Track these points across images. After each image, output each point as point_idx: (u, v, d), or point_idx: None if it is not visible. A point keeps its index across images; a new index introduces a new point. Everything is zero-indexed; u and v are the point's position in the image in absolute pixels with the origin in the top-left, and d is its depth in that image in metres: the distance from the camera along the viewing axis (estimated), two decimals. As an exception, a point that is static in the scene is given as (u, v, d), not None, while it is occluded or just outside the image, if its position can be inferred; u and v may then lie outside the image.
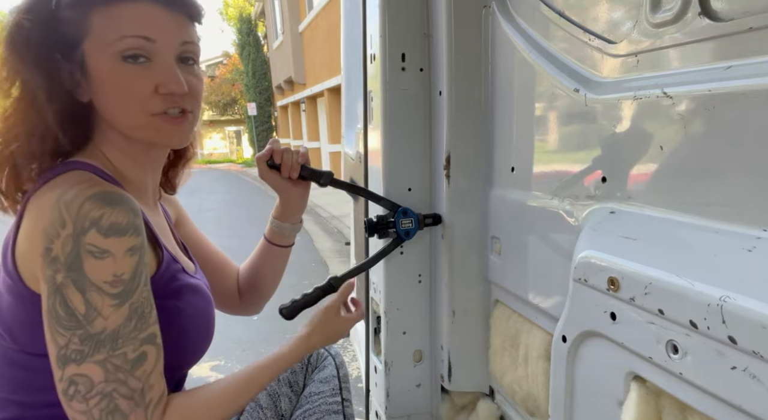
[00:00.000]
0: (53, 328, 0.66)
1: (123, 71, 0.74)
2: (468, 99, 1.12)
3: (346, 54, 1.77)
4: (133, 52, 0.73)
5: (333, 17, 9.65)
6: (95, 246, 0.65)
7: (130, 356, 0.68)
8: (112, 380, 0.67)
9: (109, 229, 0.66)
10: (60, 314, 0.65)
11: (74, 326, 0.65)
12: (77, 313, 0.65)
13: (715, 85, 0.59)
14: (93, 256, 0.65)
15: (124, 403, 0.67)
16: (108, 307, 0.66)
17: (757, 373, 0.49)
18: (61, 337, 0.65)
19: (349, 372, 2.83)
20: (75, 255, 0.65)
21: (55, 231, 0.65)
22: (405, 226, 1.17)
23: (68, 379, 0.66)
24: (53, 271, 0.65)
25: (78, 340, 0.65)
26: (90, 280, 0.65)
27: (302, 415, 1.11)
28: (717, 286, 0.54)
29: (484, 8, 1.08)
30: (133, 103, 0.75)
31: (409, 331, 1.29)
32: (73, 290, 0.65)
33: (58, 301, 0.65)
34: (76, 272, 0.65)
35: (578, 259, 0.74)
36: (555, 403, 0.83)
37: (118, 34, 0.73)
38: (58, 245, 0.65)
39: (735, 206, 0.59)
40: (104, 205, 0.67)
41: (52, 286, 0.65)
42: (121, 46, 0.73)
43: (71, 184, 0.69)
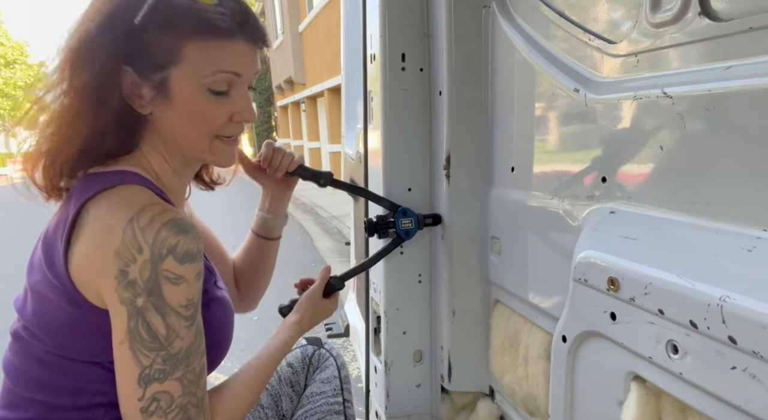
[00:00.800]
0: (136, 349, 0.69)
1: (207, 101, 0.77)
2: (468, 99, 1.12)
3: (346, 54, 1.77)
4: (222, 88, 0.77)
5: (333, 17, 9.65)
6: (172, 272, 0.69)
7: (198, 370, 0.73)
8: (187, 393, 0.71)
9: (183, 256, 0.70)
10: (143, 337, 0.69)
11: (157, 348, 0.69)
12: (159, 335, 0.69)
13: (715, 85, 0.59)
14: (170, 282, 0.69)
15: (193, 411, 0.72)
16: (183, 329, 0.71)
17: (757, 373, 0.49)
18: (145, 358, 0.69)
19: (350, 372, 2.83)
20: (154, 281, 0.68)
21: (131, 255, 0.67)
22: (405, 226, 1.17)
23: (150, 397, 0.69)
24: (132, 295, 0.68)
25: (161, 361, 0.69)
26: (169, 305, 0.69)
27: (304, 414, 1.11)
28: (717, 286, 0.54)
29: (484, 8, 1.08)
30: (207, 128, 0.78)
31: (409, 331, 1.29)
32: (154, 314, 0.68)
33: (140, 324, 0.68)
34: (156, 297, 0.68)
35: (578, 259, 0.74)
36: (555, 403, 0.83)
37: (213, 68, 0.75)
38: (135, 269, 0.67)
39: (735, 206, 0.59)
40: (179, 233, 0.70)
41: (132, 308, 0.68)
42: (213, 79, 0.75)
43: (140, 205, 0.70)
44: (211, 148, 0.81)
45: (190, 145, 0.80)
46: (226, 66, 0.76)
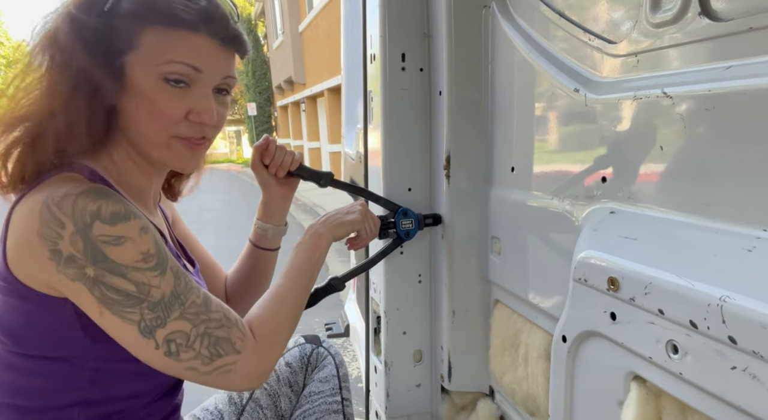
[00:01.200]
0: (117, 311, 0.68)
1: (161, 91, 0.75)
2: (468, 99, 1.12)
3: (346, 54, 1.77)
4: (177, 77, 0.75)
5: (333, 17, 9.65)
6: (107, 235, 0.68)
7: (199, 301, 0.73)
8: (199, 322, 0.72)
9: (112, 217, 0.68)
10: (116, 298, 0.68)
11: (136, 302, 0.69)
12: (130, 292, 0.68)
13: (715, 85, 0.59)
14: (110, 244, 0.68)
15: (219, 331, 0.73)
16: (153, 278, 0.70)
17: (757, 373, 0.49)
18: (131, 314, 0.69)
19: (349, 372, 2.83)
20: (92, 248, 0.67)
21: (55, 232, 0.66)
22: (405, 226, 1.17)
23: (164, 341, 0.70)
24: (79, 268, 0.67)
25: (148, 311, 0.69)
26: (123, 265, 0.68)
27: (302, 414, 1.11)
28: (717, 286, 0.54)
29: (484, 8, 1.08)
30: (162, 122, 0.76)
31: (409, 331, 1.29)
32: (112, 277, 0.68)
33: (104, 289, 0.67)
34: (104, 262, 0.67)
35: (578, 259, 0.74)
36: (555, 403, 0.83)
37: (168, 57, 0.74)
38: (65, 245, 0.66)
39: (735, 206, 0.59)
40: (97, 198, 0.68)
41: (87, 280, 0.67)
42: (167, 68, 0.74)
43: (57, 185, 0.70)
44: (169, 146, 0.78)
45: (147, 140, 0.78)
46: (182, 57, 0.74)
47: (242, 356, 0.74)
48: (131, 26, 0.73)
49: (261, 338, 0.77)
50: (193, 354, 0.72)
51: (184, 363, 0.72)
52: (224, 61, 0.79)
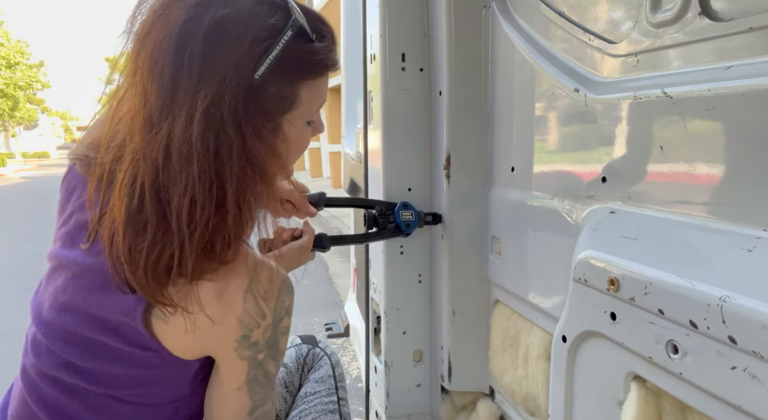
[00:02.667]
0: (252, 390, 0.75)
1: (307, 131, 0.76)
2: (468, 99, 1.12)
3: (346, 54, 1.77)
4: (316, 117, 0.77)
5: (333, 17, 9.63)
6: (286, 327, 0.75)
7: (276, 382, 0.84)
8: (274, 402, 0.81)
9: (291, 311, 0.76)
10: (261, 381, 0.75)
11: (268, 384, 0.77)
12: (272, 376, 0.77)
13: (715, 85, 0.59)
14: (284, 334, 0.76)
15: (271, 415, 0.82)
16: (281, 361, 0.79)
17: (757, 373, 0.49)
18: (257, 394, 0.76)
19: (350, 372, 2.83)
20: (274, 339, 0.74)
21: (255, 322, 0.71)
22: (405, 217, 1.17)
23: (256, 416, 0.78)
24: (254, 352, 0.72)
25: (268, 391, 0.77)
26: (280, 352, 0.76)
27: (298, 415, 1.11)
28: (717, 286, 0.54)
29: (484, 8, 1.08)
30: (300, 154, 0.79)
31: (409, 331, 1.29)
32: (270, 362, 0.75)
33: (259, 373, 0.74)
34: (274, 350, 0.75)
35: (578, 259, 0.74)
36: (555, 403, 0.83)
37: (319, 103, 0.74)
38: (258, 333, 0.71)
39: (735, 206, 0.59)
40: (291, 294, 0.75)
41: (253, 362, 0.73)
42: (316, 114, 0.76)
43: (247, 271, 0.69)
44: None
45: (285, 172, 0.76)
46: (324, 98, 0.75)
47: None
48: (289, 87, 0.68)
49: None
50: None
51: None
52: None
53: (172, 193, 0.62)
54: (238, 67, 0.62)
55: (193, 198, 0.62)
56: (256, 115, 0.65)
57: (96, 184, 0.70)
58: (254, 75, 0.63)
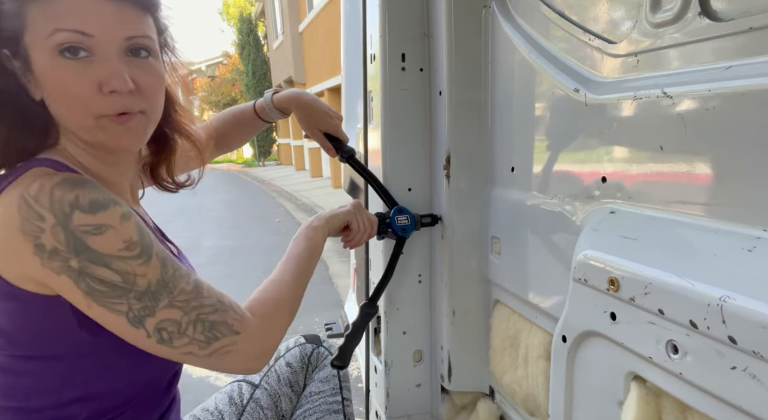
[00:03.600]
0: (104, 303, 0.67)
1: (62, 67, 0.68)
2: (468, 99, 1.12)
3: (346, 54, 1.77)
4: (69, 45, 0.68)
5: (333, 17, 9.65)
6: (87, 225, 0.66)
7: (189, 288, 0.72)
8: (190, 309, 0.71)
9: (90, 206, 0.66)
10: (101, 290, 0.67)
11: (123, 292, 0.67)
12: (116, 282, 0.67)
13: (715, 85, 0.59)
14: (92, 234, 0.66)
15: (214, 316, 0.72)
16: (138, 267, 0.68)
17: (757, 373, 0.49)
18: (118, 305, 0.67)
19: (350, 372, 2.83)
20: (74, 240, 0.65)
21: (36, 226, 0.64)
22: (401, 222, 1.17)
23: (154, 330, 0.69)
24: (63, 261, 0.65)
25: (135, 300, 0.68)
26: (105, 254, 0.66)
27: (303, 414, 1.11)
28: (717, 286, 0.54)
29: (484, 8, 1.08)
30: (77, 102, 0.70)
31: (409, 331, 1.29)
32: (96, 267, 0.66)
33: (90, 281, 0.66)
34: (86, 253, 0.65)
35: (578, 259, 0.74)
36: (555, 403, 0.83)
37: (52, 26, 0.67)
38: (47, 238, 0.64)
39: (735, 206, 0.59)
40: (74, 187, 0.66)
41: (72, 272, 0.66)
42: (55, 40, 0.67)
43: (31, 180, 0.67)
44: (100, 127, 0.72)
45: (75, 126, 0.73)
46: (66, 24, 0.67)
47: (242, 337, 0.74)
48: (16, 6, 0.67)
49: (262, 318, 0.77)
50: (186, 340, 0.71)
51: (178, 349, 0.71)
52: (118, 18, 0.71)
53: None
54: None
55: None
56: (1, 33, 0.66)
57: None
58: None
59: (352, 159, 1.18)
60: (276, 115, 1.19)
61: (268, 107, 1.18)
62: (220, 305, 0.74)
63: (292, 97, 1.16)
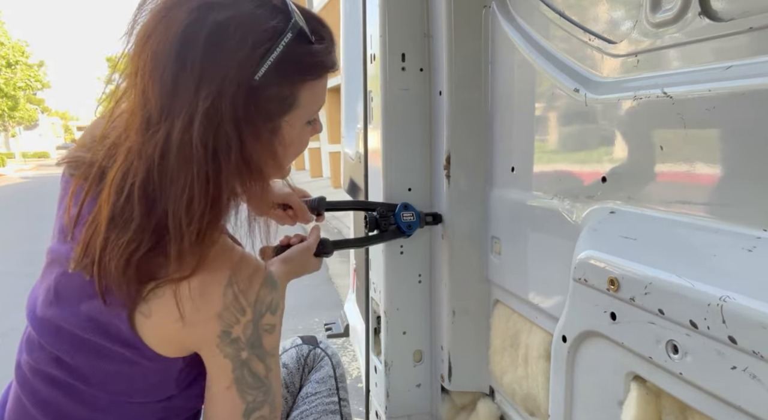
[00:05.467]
0: (242, 391, 0.74)
1: (307, 131, 0.77)
2: (468, 99, 1.12)
3: (346, 54, 1.77)
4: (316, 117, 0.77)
5: (333, 17, 9.63)
6: (269, 324, 0.74)
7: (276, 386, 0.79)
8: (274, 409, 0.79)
9: (275, 308, 0.75)
10: (249, 381, 0.74)
11: (259, 386, 0.75)
12: (261, 377, 0.75)
13: (715, 85, 0.59)
14: (267, 332, 0.75)
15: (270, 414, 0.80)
16: (274, 363, 0.77)
17: (757, 373, 0.49)
18: (249, 396, 0.75)
19: (350, 372, 2.83)
20: (256, 336, 0.73)
21: (235, 318, 0.70)
22: (407, 218, 1.17)
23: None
24: (236, 350, 0.72)
25: (262, 394, 0.76)
26: (267, 352, 0.75)
27: (299, 415, 1.11)
28: (717, 286, 0.54)
29: (484, 8, 1.08)
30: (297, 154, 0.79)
31: (409, 331, 1.29)
32: (257, 362, 0.74)
33: (245, 372, 0.74)
34: (258, 349, 0.74)
35: (578, 259, 0.74)
36: (555, 403, 0.83)
37: (318, 104, 0.75)
38: (238, 329, 0.71)
39: (735, 206, 0.59)
40: (273, 290, 0.74)
41: (237, 361, 0.72)
42: (315, 113, 0.76)
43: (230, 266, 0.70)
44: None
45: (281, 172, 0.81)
46: (324, 99, 0.76)
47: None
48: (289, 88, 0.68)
49: None
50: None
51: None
52: None
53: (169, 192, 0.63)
54: (239, 69, 0.63)
55: (191, 196, 0.63)
56: (255, 116, 0.66)
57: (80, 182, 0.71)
58: (255, 76, 0.64)
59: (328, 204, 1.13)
60: None
61: None
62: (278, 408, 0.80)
63: None
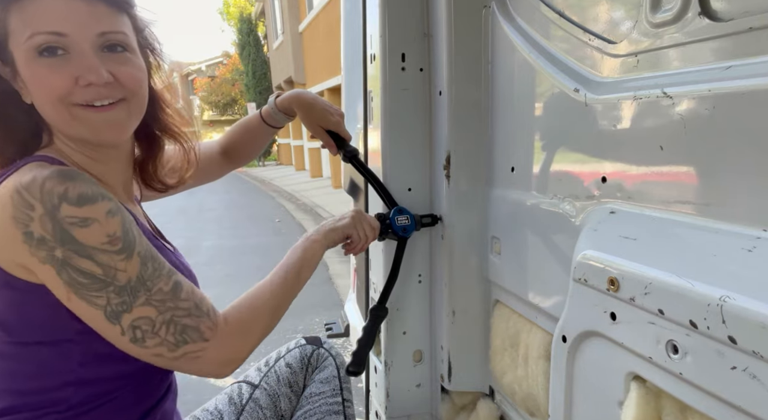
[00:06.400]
0: (84, 296, 0.70)
1: (41, 66, 0.72)
2: (468, 99, 1.12)
3: (346, 54, 1.77)
4: (47, 46, 0.71)
5: (333, 17, 9.65)
6: (74, 217, 0.68)
7: (167, 288, 0.74)
8: (165, 309, 0.73)
9: (79, 199, 0.69)
10: (82, 282, 0.69)
11: (102, 286, 0.70)
12: (97, 275, 0.69)
13: (715, 85, 0.59)
14: (78, 226, 0.68)
15: (187, 320, 0.74)
16: (119, 262, 0.71)
17: (757, 373, 0.49)
18: (97, 298, 0.70)
19: (349, 372, 2.82)
20: (60, 230, 0.68)
21: (26, 215, 0.67)
22: (401, 222, 1.18)
23: (129, 327, 0.72)
24: (48, 250, 0.68)
25: (114, 295, 0.70)
26: (89, 246, 0.69)
27: (303, 415, 1.11)
28: (717, 286, 0.54)
29: (484, 8, 1.08)
30: (54, 96, 0.73)
31: (409, 331, 1.29)
32: (78, 258, 0.68)
33: (72, 272, 0.69)
34: (71, 244, 0.68)
35: (578, 259, 0.74)
36: (555, 403, 0.83)
37: (29, 31, 0.71)
38: (36, 226, 0.67)
39: (735, 206, 0.59)
40: (64, 180, 0.69)
41: (56, 262, 0.68)
42: (33, 42, 0.71)
43: (24, 171, 0.71)
44: (74, 116, 0.75)
45: (55, 120, 0.76)
46: (40, 27, 0.71)
47: (211, 343, 0.76)
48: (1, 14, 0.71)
49: (233, 326, 0.79)
50: (158, 340, 0.73)
51: (149, 349, 0.73)
52: (91, 17, 0.74)
53: None
54: None
55: None
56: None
57: None
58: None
59: (355, 159, 1.19)
60: (281, 118, 1.20)
61: (273, 111, 1.19)
62: (195, 310, 0.75)
63: (293, 97, 1.17)
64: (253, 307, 0.83)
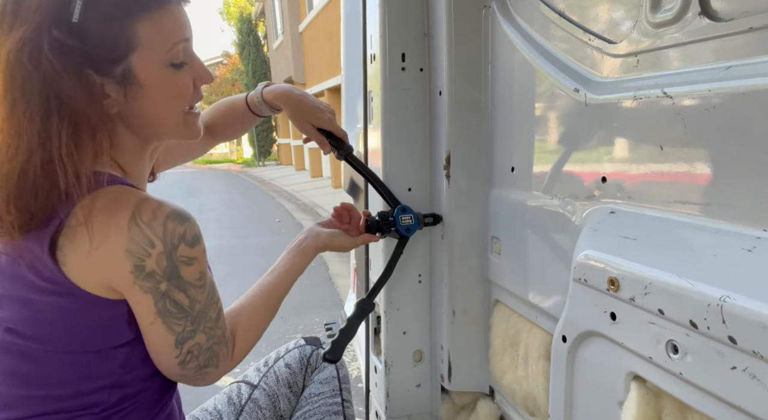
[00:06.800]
0: (168, 322, 0.76)
1: (174, 76, 0.76)
2: (468, 99, 1.12)
3: (346, 54, 1.77)
4: (182, 58, 0.75)
5: (333, 17, 9.65)
6: (186, 256, 0.75)
7: (214, 315, 0.81)
8: (211, 337, 0.81)
9: (192, 240, 0.76)
10: (172, 311, 0.76)
11: (184, 315, 0.77)
12: (184, 306, 0.77)
13: (715, 85, 0.59)
14: (185, 264, 0.75)
15: (217, 347, 0.82)
16: (200, 294, 0.78)
17: (757, 373, 0.49)
18: (176, 326, 0.77)
19: (350, 372, 2.83)
20: (172, 268, 0.74)
21: (144, 250, 0.71)
22: (405, 222, 1.17)
23: (187, 352, 0.79)
24: (154, 283, 0.73)
25: (189, 323, 0.78)
26: (188, 282, 0.76)
27: (302, 416, 1.11)
28: (717, 286, 0.54)
29: (484, 8, 1.08)
30: (181, 103, 0.78)
31: (409, 331, 1.29)
32: (177, 292, 0.75)
33: (167, 303, 0.75)
34: (176, 280, 0.75)
35: (578, 259, 0.74)
36: (555, 403, 0.83)
37: (170, 42, 0.73)
38: (151, 262, 0.72)
39: (735, 206, 0.59)
40: (183, 221, 0.75)
41: (157, 294, 0.74)
42: (174, 52, 0.74)
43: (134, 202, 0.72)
44: (185, 122, 0.81)
45: (166, 125, 0.79)
46: (177, 37, 0.74)
47: (219, 370, 0.84)
48: (121, 28, 0.69)
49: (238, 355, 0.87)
50: (195, 364, 0.80)
51: (185, 370, 0.80)
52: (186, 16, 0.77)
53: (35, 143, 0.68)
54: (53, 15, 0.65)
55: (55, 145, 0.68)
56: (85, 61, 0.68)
57: None
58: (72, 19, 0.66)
59: (350, 156, 1.14)
60: (265, 110, 1.14)
61: (258, 101, 1.13)
62: (223, 337, 0.83)
63: (280, 93, 1.10)
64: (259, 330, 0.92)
